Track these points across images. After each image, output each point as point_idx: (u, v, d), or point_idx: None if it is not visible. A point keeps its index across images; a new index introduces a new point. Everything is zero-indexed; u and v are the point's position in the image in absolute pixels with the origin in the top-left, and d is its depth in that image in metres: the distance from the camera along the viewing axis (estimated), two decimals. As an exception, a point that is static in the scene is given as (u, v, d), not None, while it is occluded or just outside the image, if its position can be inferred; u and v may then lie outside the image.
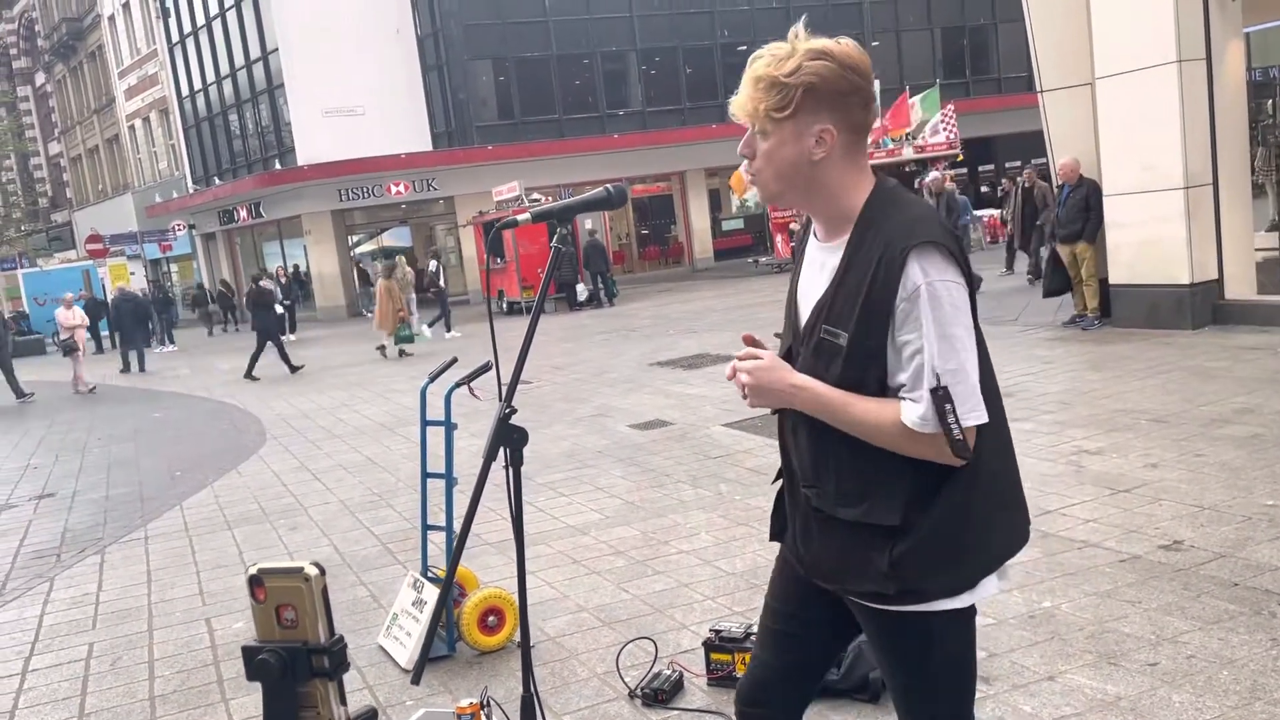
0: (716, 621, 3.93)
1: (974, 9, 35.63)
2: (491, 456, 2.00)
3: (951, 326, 1.73)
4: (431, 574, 4.21)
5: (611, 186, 2.14)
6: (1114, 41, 9.55)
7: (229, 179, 33.48)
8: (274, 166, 30.97)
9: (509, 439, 2.02)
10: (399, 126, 29.62)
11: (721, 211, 33.48)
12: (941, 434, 1.73)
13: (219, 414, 12.44)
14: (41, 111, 52.21)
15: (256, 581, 2.23)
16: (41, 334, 29.80)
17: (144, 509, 7.58)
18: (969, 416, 1.74)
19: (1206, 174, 9.34)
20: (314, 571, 2.22)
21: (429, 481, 4.30)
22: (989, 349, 1.86)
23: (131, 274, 31.66)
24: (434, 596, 4.01)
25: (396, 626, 4.20)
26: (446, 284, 21.10)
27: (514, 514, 2.09)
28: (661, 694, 3.48)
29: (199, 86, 35.21)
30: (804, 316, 1.92)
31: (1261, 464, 5.31)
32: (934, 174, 17.34)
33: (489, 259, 6.32)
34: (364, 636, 4.37)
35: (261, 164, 32.09)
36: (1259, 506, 4.70)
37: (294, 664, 2.20)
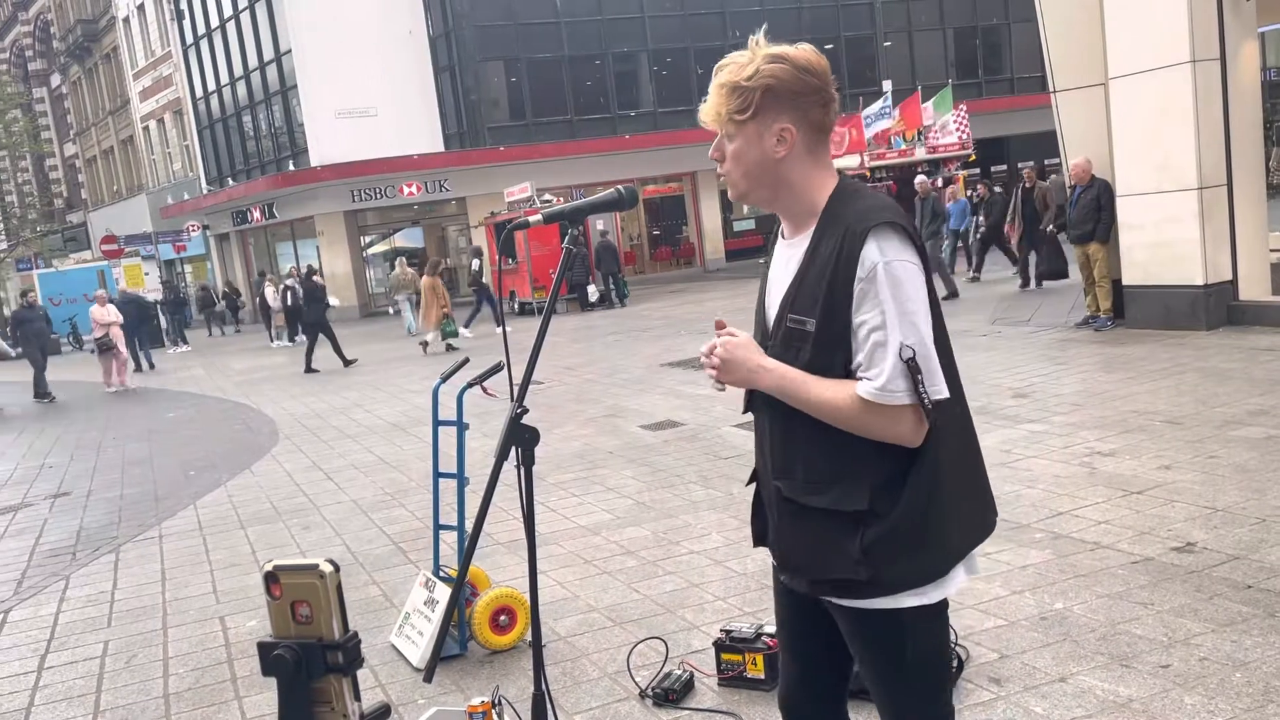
0: (727, 622, 3.94)
1: (987, 9, 35.50)
2: (503, 456, 2.01)
3: (909, 303, 1.79)
4: (443, 573, 4.22)
5: (623, 187, 2.15)
6: (1128, 41, 9.51)
7: (242, 180, 33.63)
8: (287, 167, 31.10)
9: (521, 438, 2.03)
10: (411, 127, 29.73)
11: (733, 212, 33.40)
12: (895, 409, 1.78)
13: (232, 414, 12.51)
14: (57, 113, 52.55)
15: (272, 578, 2.25)
16: (59, 334, 29.98)
17: (158, 508, 7.64)
18: (931, 390, 1.79)
19: (1221, 174, 9.29)
20: (329, 568, 2.24)
21: (441, 481, 4.32)
22: (1004, 350, 1.88)
23: (146, 274, 31.85)
24: (446, 596, 4.02)
25: (409, 625, 4.22)
26: (488, 282, 21.20)
27: (526, 514, 2.10)
28: (672, 694, 3.49)
29: (213, 88, 35.39)
30: (772, 312, 1.98)
31: (1276, 466, 5.28)
32: (920, 177, 17.33)
33: (500, 260, 6.33)
34: (376, 635, 4.39)
35: (275, 165, 32.23)
36: (1273, 508, 4.68)
37: (309, 660, 2.22)
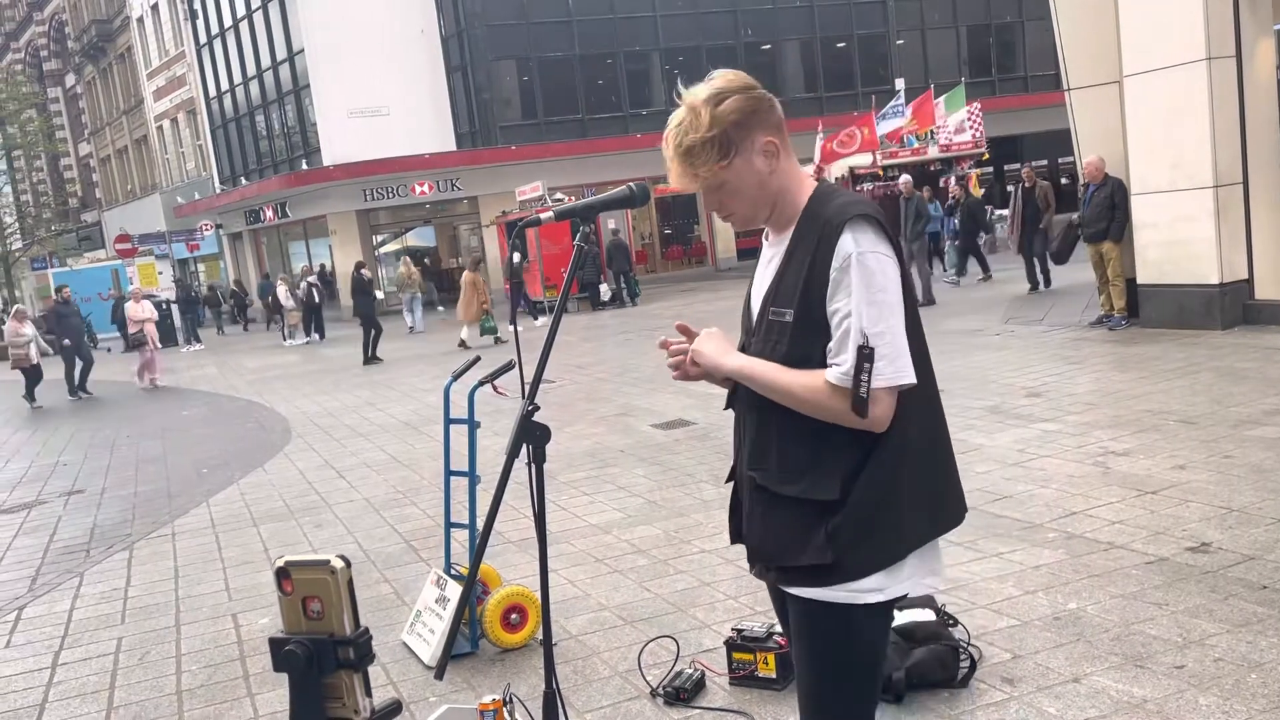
0: (739, 620, 3.93)
1: (1000, 6, 35.35)
2: (515, 454, 2.01)
3: (880, 293, 1.83)
4: (454, 571, 4.23)
5: (634, 184, 2.15)
6: (1142, 39, 9.45)
7: (255, 179, 33.77)
8: (300, 167, 31.20)
9: (532, 436, 2.03)
10: (423, 127, 29.79)
11: (744, 211, 33.34)
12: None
13: (245, 412, 12.55)
14: (71, 113, 52.86)
15: (284, 574, 2.25)
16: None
17: (172, 505, 7.67)
18: (897, 377, 1.83)
19: (1236, 172, 9.23)
20: (340, 564, 2.24)
21: (452, 479, 4.33)
22: (1017, 349, 1.89)
23: (160, 274, 31.99)
24: (457, 594, 4.03)
25: (420, 623, 4.23)
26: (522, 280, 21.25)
27: (536, 512, 2.10)
28: (683, 693, 3.48)
29: (226, 88, 35.54)
30: (754, 312, 2.04)
31: (1292, 466, 5.25)
32: (904, 176, 17.27)
33: (511, 258, 6.33)
34: (388, 633, 4.40)
35: (288, 164, 32.34)
36: (1289, 509, 4.64)
37: (320, 655, 2.22)
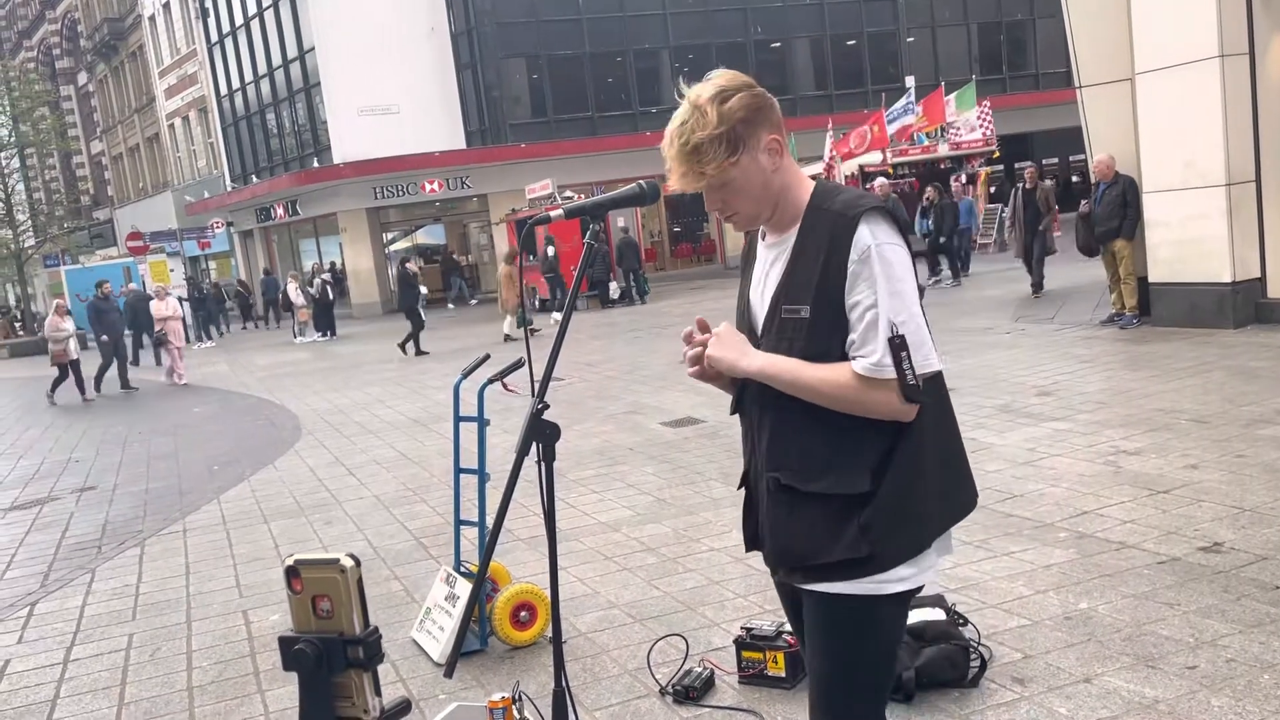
0: (748, 619, 3.92)
1: (1011, 4, 35.22)
2: (524, 452, 2.01)
3: (899, 283, 1.86)
4: (464, 569, 4.23)
5: (644, 182, 2.14)
6: (1155, 36, 9.40)
7: (266, 177, 33.85)
8: (310, 164, 31.29)
9: (542, 434, 2.02)
10: (433, 125, 29.83)
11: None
12: (891, 382, 1.83)
13: (256, 409, 12.59)
14: (84, 110, 53.10)
15: (293, 572, 2.25)
16: (85, 330, 30.25)
17: (183, 502, 7.70)
18: (925, 364, 1.86)
19: (1249, 170, 9.18)
20: (349, 563, 2.23)
21: (462, 477, 4.33)
22: (1028, 348, 1.90)
23: (171, 271, 32.09)
24: (466, 591, 4.03)
25: (429, 621, 4.23)
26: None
27: (546, 510, 2.09)
28: (692, 691, 3.48)
29: (237, 86, 35.64)
30: (761, 312, 2.02)
31: (1305, 466, 5.21)
32: (879, 179, 17.12)
33: (521, 256, 6.33)
34: (397, 631, 4.41)
35: (298, 162, 32.43)
36: (1302, 509, 4.61)
37: (329, 654, 2.22)
